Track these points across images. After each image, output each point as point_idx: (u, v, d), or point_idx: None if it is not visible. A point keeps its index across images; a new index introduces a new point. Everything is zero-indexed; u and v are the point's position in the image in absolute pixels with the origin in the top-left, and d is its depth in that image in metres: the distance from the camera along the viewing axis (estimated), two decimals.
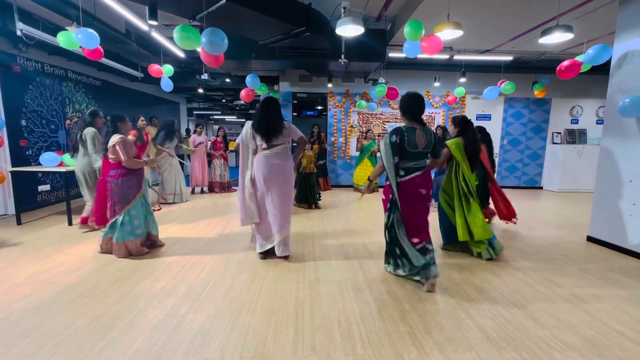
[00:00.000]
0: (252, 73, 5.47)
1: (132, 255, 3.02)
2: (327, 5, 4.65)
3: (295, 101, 7.58)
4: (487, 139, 3.89)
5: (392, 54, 6.25)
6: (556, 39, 3.43)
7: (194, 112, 14.65)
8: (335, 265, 2.92)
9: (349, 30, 3.56)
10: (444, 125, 3.56)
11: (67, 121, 5.71)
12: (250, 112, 15.50)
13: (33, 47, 4.64)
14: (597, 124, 7.63)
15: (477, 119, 7.62)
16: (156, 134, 5.63)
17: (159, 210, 5.07)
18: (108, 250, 3.08)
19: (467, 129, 3.14)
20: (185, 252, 3.19)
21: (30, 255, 3.08)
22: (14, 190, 4.29)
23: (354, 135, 7.58)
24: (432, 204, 5.77)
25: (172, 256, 3.09)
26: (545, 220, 4.73)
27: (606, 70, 3.73)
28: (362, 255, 3.17)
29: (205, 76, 6.26)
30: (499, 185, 3.86)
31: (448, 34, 3.27)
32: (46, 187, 5.25)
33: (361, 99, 7.32)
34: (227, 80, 7.61)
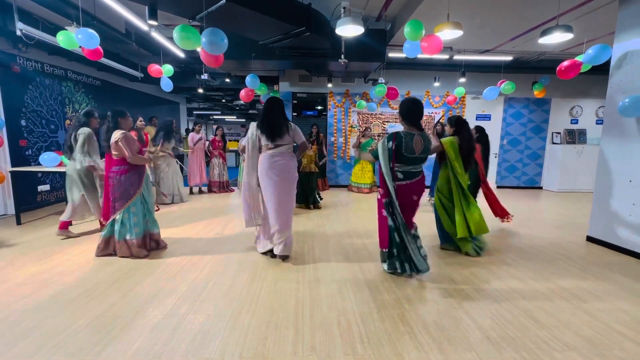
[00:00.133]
0: (252, 73, 5.47)
1: (133, 256, 3.00)
2: (327, 5, 4.65)
3: (295, 101, 7.58)
4: (484, 139, 3.93)
5: (392, 54, 6.25)
6: (556, 39, 3.43)
7: (194, 112, 14.65)
8: (335, 265, 2.92)
9: (348, 30, 3.56)
10: (444, 122, 3.59)
11: (67, 121, 5.71)
12: (250, 112, 15.51)
13: (33, 47, 4.64)
14: (597, 124, 7.63)
15: (476, 119, 7.62)
16: (155, 135, 5.63)
17: (157, 210, 5.05)
18: (107, 252, 3.05)
19: (462, 129, 3.19)
20: (185, 252, 3.19)
21: (30, 255, 3.07)
22: (14, 190, 4.29)
23: (353, 135, 7.58)
24: (429, 200, 5.79)
25: (172, 256, 3.09)
26: (545, 220, 4.74)
27: (606, 70, 3.73)
28: (362, 255, 3.17)
29: (205, 76, 6.26)
30: (489, 186, 3.97)
31: (448, 34, 3.27)
32: (46, 187, 5.25)
33: (361, 99, 7.32)
34: (227, 80, 7.61)
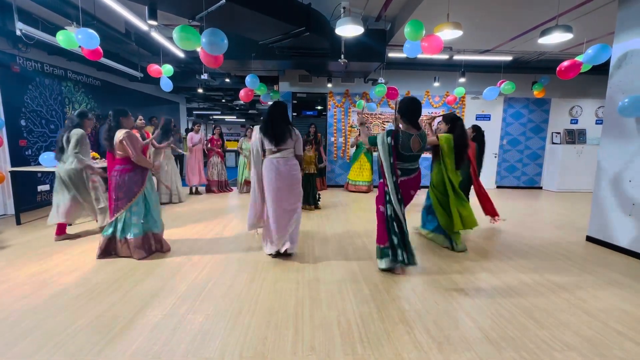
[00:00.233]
0: (251, 73, 5.47)
1: (132, 256, 2.99)
2: (327, 5, 4.65)
3: (295, 101, 7.58)
4: (481, 139, 4.02)
5: (392, 54, 6.26)
6: (555, 39, 3.44)
7: (194, 112, 14.65)
8: (335, 265, 2.92)
9: (348, 30, 3.56)
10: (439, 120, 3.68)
11: (67, 121, 5.70)
12: (250, 112, 15.51)
13: (32, 47, 4.63)
14: (597, 124, 7.64)
15: (476, 119, 7.62)
16: (153, 134, 5.62)
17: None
18: (108, 252, 3.04)
19: (455, 126, 3.32)
20: (185, 252, 3.19)
21: (30, 255, 3.07)
22: (14, 190, 4.29)
23: (353, 135, 7.58)
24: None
25: (171, 256, 3.09)
26: (545, 220, 4.74)
27: (605, 70, 3.73)
28: (362, 255, 3.17)
29: (205, 76, 6.26)
30: (482, 185, 4.07)
31: (448, 34, 3.28)
32: (46, 187, 5.25)
33: (361, 99, 7.32)
34: (227, 80, 7.61)
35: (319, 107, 7.66)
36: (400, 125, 2.73)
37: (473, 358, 1.70)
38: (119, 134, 2.93)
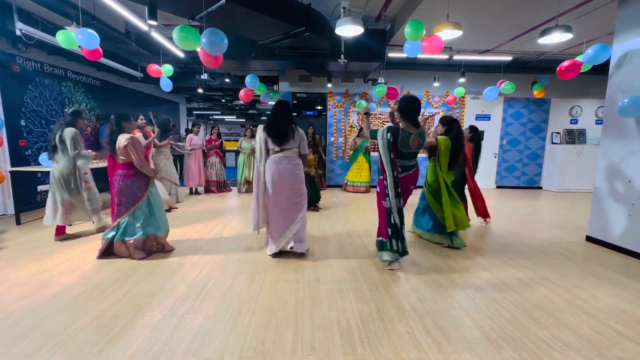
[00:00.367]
0: (251, 73, 5.47)
1: (130, 256, 2.99)
2: (327, 5, 4.65)
3: (295, 101, 7.58)
4: (477, 139, 4.09)
5: (392, 54, 6.26)
6: (555, 39, 3.44)
7: (194, 112, 14.64)
8: (334, 265, 2.92)
9: (348, 30, 3.56)
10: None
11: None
12: (250, 112, 15.50)
13: (32, 47, 4.63)
14: (597, 124, 7.64)
15: (476, 119, 7.63)
16: (154, 132, 5.61)
17: (170, 211, 5.07)
18: (108, 253, 3.03)
19: (452, 128, 3.40)
20: (185, 252, 3.19)
21: (30, 255, 3.07)
22: (14, 190, 4.29)
23: (353, 135, 7.58)
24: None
25: (171, 256, 3.09)
26: (545, 220, 4.74)
27: (605, 70, 3.73)
28: (362, 255, 3.17)
29: (204, 76, 6.25)
30: (477, 184, 4.16)
31: (447, 34, 3.28)
32: (46, 187, 5.24)
33: (361, 99, 7.32)
34: (227, 80, 7.61)
35: (319, 107, 7.66)
36: (400, 124, 2.81)
37: (473, 358, 1.70)
38: (123, 139, 2.91)
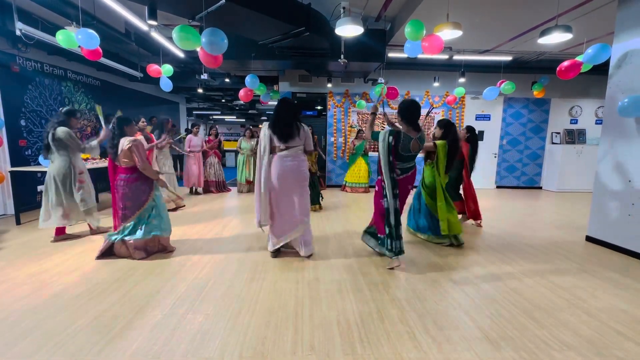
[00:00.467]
0: (251, 73, 5.47)
1: (130, 257, 2.98)
2: (327, 5, 4.65)
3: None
4: (474, 140, 4.13)
5: (392, 54, 6.26)
6: (555, 39, 3.44)
7: (194, 112, 14.65)
8: (334, 265, 2.92)
9: (348, 30, 3.56)
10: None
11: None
12: (250, 112, 15.50)
13: (32, 47, 4.63)
14: (597, 124, 7.64)
15: (476, 119, 7.63)
16: (154, 135, 5.60)
17: (175, 210, 5.10)
18: (108, 253, 3.02)
19: (449, 131, 3.47)
20: (185, 252, 3.19)
21: (30, 255, 3.07)
22: (14, 190, 4.29)
23: (353, 134, 7.57)
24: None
25: (171, 256, 3.09)
26: (545, 220, 4.74)
27: (605, 70, 3.73)
28: (362, 255, 3.17)
29: (204, 76, 6.25)
30: (472, 185, 4.20)
31: (447, 34, 3.28)
32: None
33: (361, 99, 7.32)
34: (227, 80, 7.61)
35: (319, 107, 7.66)
36: (401, 127, 2.86)
37: (473, 358, 1.70)
38: (126, 142, 2.90)
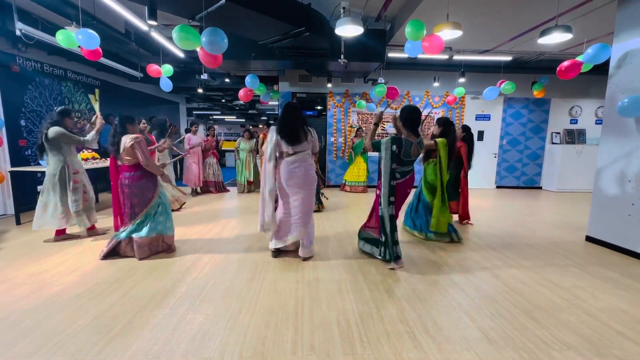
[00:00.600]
0: (251, 73, 5.47)
1: (135, 255, 2.97)
2: (327, 5, 4.65)
3: (295, 101, 7.58)
4: (470, 139, 4.17)
5: (392, 54, 6.26)
6: (555, 39, 3.44)
7: (194, 112, 14.65)
8: (334, 265, 2.93)
9: (348, 30, 3.56)
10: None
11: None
12: (250, 112, 15.50)
13: (32, 47, 4.63)
14: (596, 124, 7.64)
15: (476, 119, 7.63)
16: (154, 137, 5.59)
17: (179, 210, 5.11)
18: (114, 253, 3.01)
19: (449, 130, 3.56)
20: (185, 252, 3.19)
21: (30, 255, 3.07)
22: (14, 190, 4.29)
23: (353, 135, 7.57)
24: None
25: (171, 256, 3.09)
26: (544, 220, 4.74)
27: (605, 70, 3.73)
28: (361, 255, 3.17)
29: (204, 76, 6.25)
30: (467, 185, 4.25)
31: (447, 34, 3.28)
32: None
33: (361, 99, 7.32)
34: (227, 80, 7.61)
35: (319, 107, 7.66)
36: (402, 133, 2.91)
37: (473, 358, 1.70)
38: (128, 139, 2.89)
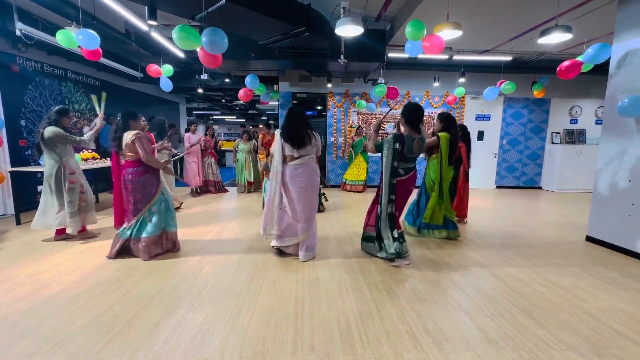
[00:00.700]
0: (251, 73, 5.46)
1: (143, 254, 2.95)
2: (327, 5, 4.65)
3: (295, 101, 7.58)
4: (467, 138, 4.19)
5: (392, 54, 6.26)
6: (555, 39, 3.44)
7: (194, 112, 14.66)
8: (334, 265, 2.93)
9: (348, 30, 3.56)
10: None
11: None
12: (250, 112, 15.50)
13: (32, 47, 4.63)
14: (596, 124, 7.64)
15: (476, 119, 7.63)
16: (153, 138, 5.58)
17: (179, 208, 5.14)
18: (122, 252, 3.00)
19: (451, 125, 3.56)
20: (185, 253, 3.19)
21: (30, 255, 3.07)
22: (14, 190, 4.29)
23: (352, 134, 7.57)
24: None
25: (171, 257, 3.09)
26: (545, 220, 4.74)
27: (605, 70, 3.73)
28: (361, 255, 3.17)
29: (204, 76, 6.25)
30: (467, 185, 4.29)
31: (447, 34, 3.28)
32: None
33: (361, 99, 7.32)
34: (227, 80, 7.60)
35: (319, 107, 7.66)
36: (403, 130, 2.94)
37: (473, 358, 1.70)
38: (130, 135, 2.88)
